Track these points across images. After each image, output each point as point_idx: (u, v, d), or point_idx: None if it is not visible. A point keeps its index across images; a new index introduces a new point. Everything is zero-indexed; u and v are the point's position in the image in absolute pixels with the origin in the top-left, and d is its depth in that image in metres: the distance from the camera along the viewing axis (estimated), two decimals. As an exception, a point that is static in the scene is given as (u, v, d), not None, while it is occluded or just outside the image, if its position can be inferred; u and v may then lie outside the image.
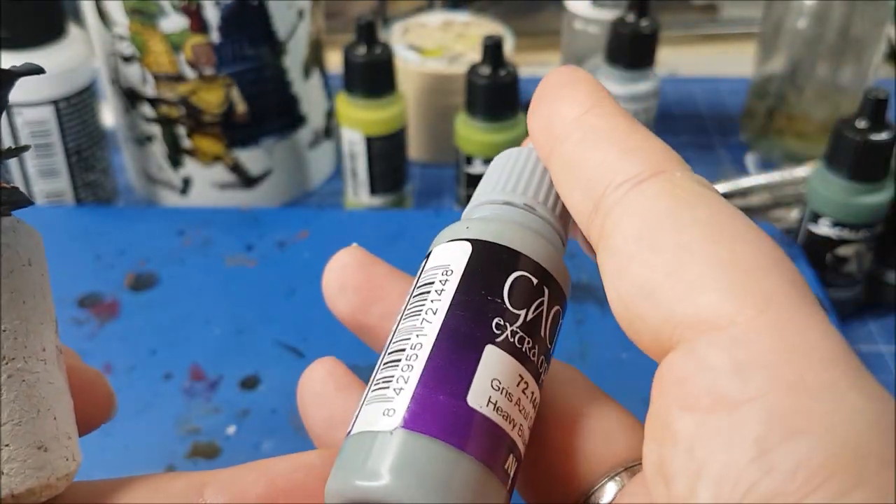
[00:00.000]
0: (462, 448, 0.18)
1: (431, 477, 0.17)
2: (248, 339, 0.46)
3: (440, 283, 0.20)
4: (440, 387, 0.18)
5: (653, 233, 0.17)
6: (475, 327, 0.19)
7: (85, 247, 0.52)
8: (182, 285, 0.50)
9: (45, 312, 0.20)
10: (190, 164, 0.57)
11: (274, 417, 0.42)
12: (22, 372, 0.18)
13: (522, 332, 0.20)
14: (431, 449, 0.18)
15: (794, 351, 0.15)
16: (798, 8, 0.59)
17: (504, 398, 0.19)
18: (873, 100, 0.46)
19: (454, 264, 0.20)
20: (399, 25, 0.66)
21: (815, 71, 0.60)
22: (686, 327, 0.16)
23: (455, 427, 0.18)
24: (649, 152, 0.19)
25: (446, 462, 0.18)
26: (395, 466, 0.17)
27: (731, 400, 0.15)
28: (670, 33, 0.79)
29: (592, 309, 0.48)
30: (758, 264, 0.16)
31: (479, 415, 0.18)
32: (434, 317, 0.20)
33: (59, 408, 0.19)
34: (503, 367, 0.19)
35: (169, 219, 0.55)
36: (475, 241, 0.21)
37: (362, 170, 0.56)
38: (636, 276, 0.17)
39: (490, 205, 0.22)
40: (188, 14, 0.51)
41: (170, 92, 0.54)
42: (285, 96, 0.57)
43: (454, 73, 0.60)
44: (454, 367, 0.19)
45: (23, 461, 0.18)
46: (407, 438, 0.18)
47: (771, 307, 0.16)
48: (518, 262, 0.20)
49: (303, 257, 0.52)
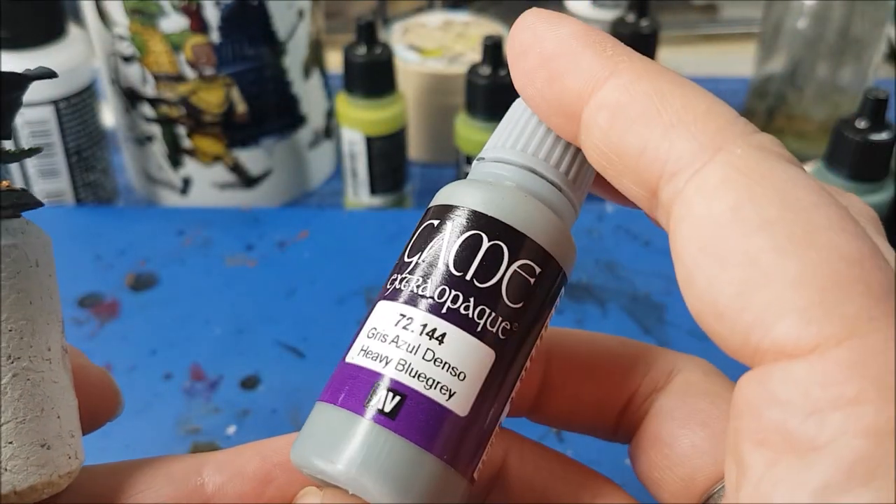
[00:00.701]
0: (322, 399, 0.19)
1: (319, 439, 0.19)
2: (248, 339, 0.46)
3: None
4: (343, 353, 0.20)
5: (716, 242, 0.15)
6: (379, 294, 0.20)
7: (85, 247, 0.52)
8: (182, 285, 0.50)
9: (51, 312, 0.20)
10: (190, 164, 0.57)
11: (274, 417, 0.42)
12: (27, 371, 0.19)
13: (410, 275, 0.19)
14: (320, 411, 0.19)
15: (875, 389, 0.13)
16: (798, 8, 0.59)
17: (377, 342, 0.19)
18: (873, 100, 0.46)
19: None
20: (399, 25, 0.66)
21: (815, 71, 0.60)
22: (763, 353, 0.15)
23: (328, 384, 0.19)
24: (697, 123, 0.16)
25: (331, 421, 0.19)
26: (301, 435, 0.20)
27: (801, 444, 0.14)
28: (670, 33, 0.79)
29: (593, 309, 0.48)
30: (838, 279, 0.14)
31: (350, 366, 0.19)
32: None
33: (62, 406, 0.20)
34: (383, 315, 0.19)
35: (169, 219, 0.55)
36: (429, 209, 0.21)
37: (362, 170, 0.56)
38: (704, 292, 0.15)
39: (476, 161, 0.22)
40: (188, 14, 0.51)
41: (170, 92, 0.54)
42: (285, 96, 0.57)
43: (454, 73, 0.60)
44: (356, 333, 0.20)
45: (26, 458, 0.18)
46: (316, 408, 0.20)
47: (853, 335, 0.14)
48: (429, 213, 0.21)
49: (303, 257, 0.52)
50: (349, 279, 0.50)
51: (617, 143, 0.17)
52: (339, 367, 0.19)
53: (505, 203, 0.19)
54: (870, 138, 0.46)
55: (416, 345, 0.18)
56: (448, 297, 0.19)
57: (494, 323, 0.19)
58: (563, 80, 0.18)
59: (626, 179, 0.17)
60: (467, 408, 0.18)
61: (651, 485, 0.22)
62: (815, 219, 0.15)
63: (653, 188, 0.17)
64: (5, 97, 0.19)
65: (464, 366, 0.18)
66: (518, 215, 0.19)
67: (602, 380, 0.22)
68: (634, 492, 0.23)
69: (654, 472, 0.21)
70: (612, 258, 0.51)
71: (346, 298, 0.48)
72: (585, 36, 0.18)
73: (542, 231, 0.20)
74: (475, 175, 0.21)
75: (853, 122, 0.46)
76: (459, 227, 0.19)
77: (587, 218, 0.54)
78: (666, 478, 0.21)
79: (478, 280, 0.19)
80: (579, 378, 0.23)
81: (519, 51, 0.19)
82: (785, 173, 0.15)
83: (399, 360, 0.18)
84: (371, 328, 0.19)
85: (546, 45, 0.18)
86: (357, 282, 0.49)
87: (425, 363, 0.18)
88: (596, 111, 0.17)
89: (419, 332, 0.18)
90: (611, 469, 0.24)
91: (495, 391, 0.19)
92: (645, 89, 0.17)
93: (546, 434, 0.40)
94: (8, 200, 0.19)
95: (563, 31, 0.18)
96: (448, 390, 0.18)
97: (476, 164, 0.22)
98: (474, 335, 0.19)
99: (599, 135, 0.17)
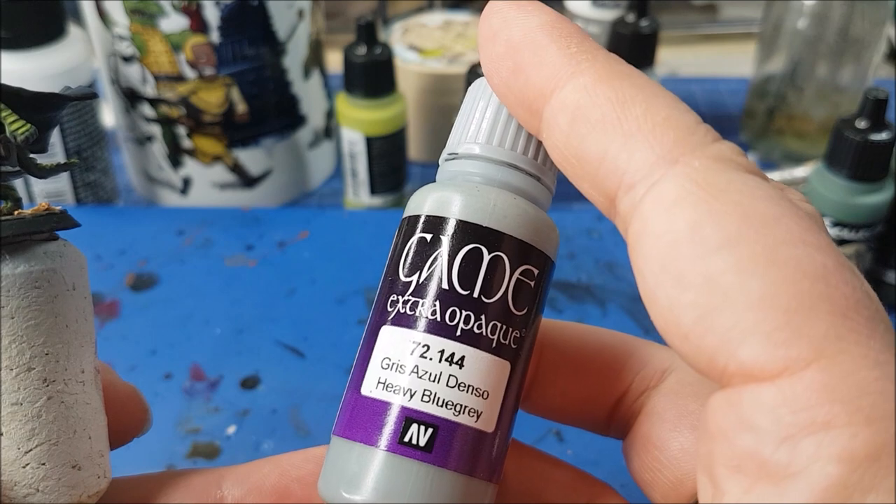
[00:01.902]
0: (346, 436, 0.19)
1: (335, 473, 0.19)
2: (248, 339, 0.46)
3: None
4: (350, 384, 0.19)
5: (675, 262, 0.15)
6: (377, 315, 0.20)
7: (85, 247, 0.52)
8: (182, 285, 0.50)
9: (85, 334, 0.20)
10: (190, 164, 0.57)
11: (274, 417, 0.42)
12: (62, 394, 0.19)
13: (414, 297, 0.19)
14: (336, 446, 0.19)
15: (846, 413, 0.13)
16: (798, 8, 0.59)
17: (395, 373, 0.19)
18: (873, 100, 0.46)
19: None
20: (399, 25, 0.66)
21: (815, 71, 0.60)
22: (731, 375, 0.14)
23: (348, 418, 0.19)
24: (655, 132, 0.16)
25: (341, 454, 0.19)
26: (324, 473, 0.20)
27: (775, 472, 0.13)
28: (670, 33, 0.79)
29: (593, 309, 0.48)
30: (802, 298, 0.14)
31: (369, 400, 0.19)
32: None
33: (93, 427, 0.20)
34: (393, 342, 0.19)
35: (169, 219, 0.55)
36: (402, 220, 0.21)
37: (362, 170, 0.56)
38: (667, 312, 0.15)
39: (445, 161, 0.21)
40: (188, 14, 0.51)
41: (170, 92, 0.54)
42: (285, 96, 0.57)
43: (454, 73, 0.60)
44: (359, 363, 0.19)
45: (57, 479, 0.19)
46: (333, 443, 0.20)
47: (821, 356, 0.13)
48: (417, 225, 0.20)
49: (303, 257, 0.52)
50: (349, 279, 0.50)
51: (577, 147, 0.17)
52: (353, 398, 0.19)
53: (497, 210, 0.19)
54: (870, 138, 0.46)
55: (437, 373, 0.18)
56: (460, 319, 0.19)
57: (506, 335, 0.19)
58: (527, 73, 0.17)
59: (585, 184, 0.17)
60: (494, 423, 0.19)
61: (643, 485, 0.22)
62: (776, 233, 0.14)
63: (611, 197, 0.16)
64: (45, 116, 0.20)
65: (486, 384, 0.19)
66: (512, 221, 0.19)
67: (593, 375, 0.22)
68: (636, 492, 0.23)
69: (644, 472, 0.21)
70: (612, 258, 0.51)
71: (345, 298, 0.48)
72: (552, 29, 0.17)
73: (535, 231, 0.20)
74: (452, 176, 0.21)
75: (853, 122, 0.46)
76: (457, 242, 0.19)
77: (587, 218, 0.54)
78: (656, 479, 0.21)
79: (485, 296, 0.19)
80: (570, 372, 0.22)
81: (487, 35, 0.18)
82: (744, 185, 0.15)
83: (424, 390, 0.18)
84: (383, 358, 0.19)
85: (513, 32, 0.18)
86: (357, 282, 0.49)
87: (450, 390, 0.18)
88: (556, 111, 0.17)
89: (438, 360, 0.18)
90: (611, 469, 0.24)
91: (512, 398, 0.19)
92: (606, 93, 0.16)
93: (546, 434, 0.40)
94: (47, 225, 0.19)
95: (531, 21, 0.18)
96: (476, 412, 0.18)
97: (449, 161, 0.21)
98: (491, 352, 0.19)
99: (560, 136, 0.17)
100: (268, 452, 0.40)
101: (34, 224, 0.19)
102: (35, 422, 0.19)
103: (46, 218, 0.19)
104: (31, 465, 0.19)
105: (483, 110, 0.20)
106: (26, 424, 0.19)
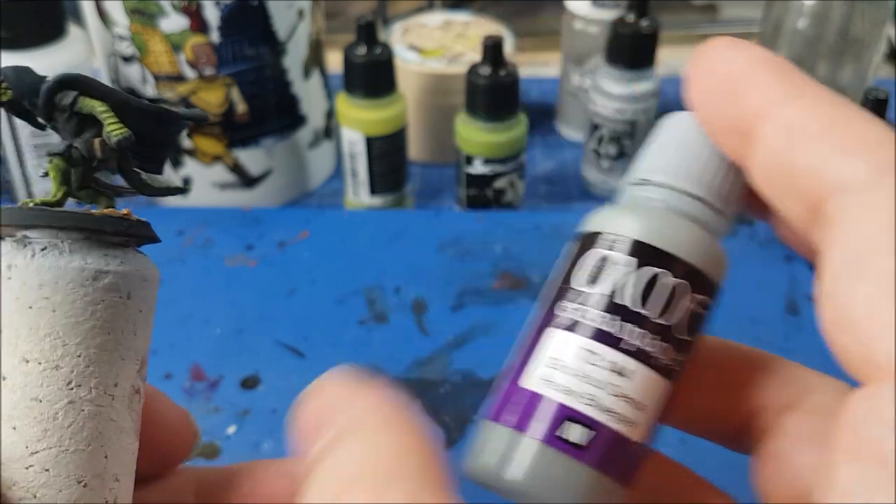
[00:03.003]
0: (502, 422, 0.20)
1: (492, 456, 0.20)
2: (248, 339, 0.46)
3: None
4: (507, 376, 0.21)
5: (863, 255, 0.15)
6: (544, 316, 0.21)
7: (85, 247, 0.52)
8: (182, 285, 0.50)
9: (130, 349, 0.19)
10: (190, 164, 0.57)
11: (274, 417, 0.42)
12: (84, 401, 0.18)
13: (590, 308, 0.20)
14: (490, 429, 0.21)
15: None
16: (798, 8, 0.59)
17: (562, 374, 0.20)
18: (873, 100, 0.46)
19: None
20: (399, 25, 0.66)
21: (815, 71, 0.60)
22: (886, 371, 0.15)
23: (506, 406, 0.20)
24: (871, 148, 0.16)
25: (494, 437, 0.20)
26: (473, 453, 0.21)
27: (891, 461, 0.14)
28: (670, 33, 0.79)
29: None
30: None
31: (531, 394, 0.20)
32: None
33: (114, 447, 0.19)
34: (562, 346, 0.20)
35: (169, 219, 0.55)
36: (580, 234, 0.22)
37: (362, 170, 0.56)
38: (839, 303, 0.16)
39: (632, 185, 0.22)
40: (188, 14, 0.51)
41: (170, 92, 0.54)
42: (285, 96, 0.57)
43: (454, 73, 0.60)
44: (520, 358, 0.21)
45: (57, 491, 0.18)
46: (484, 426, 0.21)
47: None
48: (598, 241, 0.21)
49: (303, 257, 0.52)
50: (349, 279, 0.50)
51: (790, 159, 0.17)
52: (512, 388, 0.20)
53: (684, 240, 0.20)
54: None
55: (603, 381, 0.20)
56: (634, 335, 0.20)
57: (673, 357, 0.20)
58: (745, 96, 0.19)
59: (787, 196, 0.18)
60: (645, 435, 0.20)
61: (767, 500, 0.22)
62: None
63: (817, 203, 0.17)
64: (160, 130, 0.20)
65: (645, 399, 0.20)
66: (696, 253, 0.21)
67: (734, 390, 0.23)
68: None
69: (772, 488, 0.21)
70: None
71: (345, 298, 0.48)
72: (769, 62, 0.19)
73: (714, 264, 0.21)
74: (639, 201, 0.22)
75: (853, 122, 0.46)
76: (642, 264, 0.20)
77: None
78: (784, 497, 0.21)
79: (662, 318, 0.20)
80: (710, 386, 0.23)
81: (703, 68, 0.20)
82: None
83: (589, 395, 0.20)
84: (551, 358, 0.20)
85: (732, 65, 0.19)
86: (357, 282, 0.49)
87: (613, 399, 0.20)
88: (775, 127, 0.18)
89: (607, 369, 0.20)
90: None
91: (664, 413, 0.21)
92: (826, 111, 0.17)
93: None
94: (113, 227, 0.19)
95: (748, 55, 0.19)
96: (633, 423, 0.20)
97: (637, 186, 0.22)
98: (656, 370, 0.20)
99: (773, 149, 0.18)
100: (268, 453, 0.40)
101: (95, 222, 0.18)
102: (50, 423, 0.18)
103: (114, 221, 0.19)
104: (34, 468, 0.18)
105: (678, 143, 0.21)
106: (40, 423, 0.18)
